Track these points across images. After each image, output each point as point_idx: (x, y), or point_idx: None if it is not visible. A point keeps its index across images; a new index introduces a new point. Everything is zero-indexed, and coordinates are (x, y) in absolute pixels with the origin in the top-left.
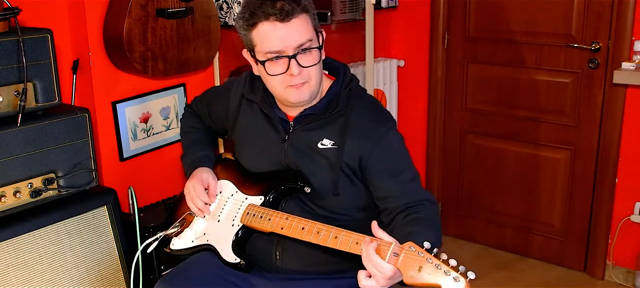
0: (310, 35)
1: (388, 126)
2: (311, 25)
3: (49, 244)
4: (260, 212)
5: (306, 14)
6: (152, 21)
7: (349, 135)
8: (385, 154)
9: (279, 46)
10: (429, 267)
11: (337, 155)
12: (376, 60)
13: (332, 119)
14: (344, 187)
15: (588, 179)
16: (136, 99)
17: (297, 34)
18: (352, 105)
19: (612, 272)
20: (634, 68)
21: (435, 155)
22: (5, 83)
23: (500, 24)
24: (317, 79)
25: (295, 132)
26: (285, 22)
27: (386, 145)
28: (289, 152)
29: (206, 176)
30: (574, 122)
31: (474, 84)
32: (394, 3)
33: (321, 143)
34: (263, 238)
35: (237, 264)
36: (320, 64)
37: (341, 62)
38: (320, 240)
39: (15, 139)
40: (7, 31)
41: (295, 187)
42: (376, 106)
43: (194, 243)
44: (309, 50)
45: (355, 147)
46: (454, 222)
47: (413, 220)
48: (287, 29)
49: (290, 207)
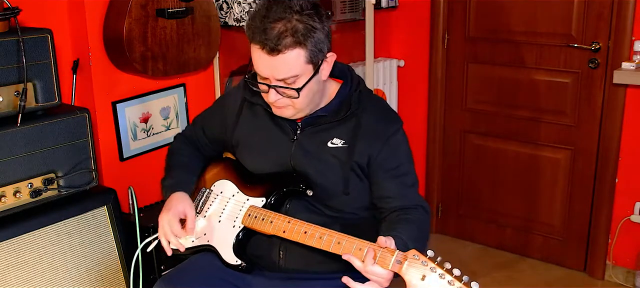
0: (298, 70)
1: (397, 126)
2: (303, 60)
3: (49, 244)
4: (262, 214)
5: (300, 48)
6: (152, 21)
7: (360, 135)
8: (392, 155)
9: (263, 73)
10: (433, 276)
11: (348, 155)
12: (376, 60)
13: (344, 121)
14: (354, 186)
15: (588, 179)
16: (136, 99)
17: (283, 69)
18: (364, 106)
19: (612, 272)
20: (634, 68)
21: (435, 155)
22: (5, 83)
23: (500, 24)
24: (303, 101)
25: (305, 132)
26: (271, 55)
27: (394, 146)
28: (295, 153)
29: (182, 207)
30: (574, 122)
31: (474, 84)
32: (394, 3)
33: (331, 142)
34: (266, 238)
35: (238, 266)
36: (309, 89)
37: (343, 63)
38: (323, 244)
39: (15, 139)
40: (7, 31)
41: (297, 189)
42: (386, 107)
43: (194, 243)
44: (295, 83)
45: (366, 146)
46: (454, 222)
47: (403, 219)
48: (273, 61)
49: (295, 207)
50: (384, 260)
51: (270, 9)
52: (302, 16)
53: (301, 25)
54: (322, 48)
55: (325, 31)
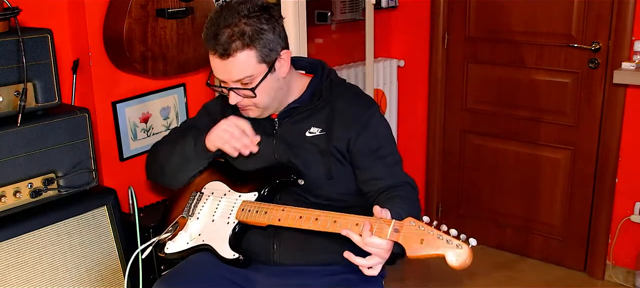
0: (251, 71)
1: (373, 110)
2: (255, 60)
3: (49, 244)
4: (256, 207)
5: (250, 49)
6: (152, 21)
7: (335, 122)
8: (371, 138)
9: (220, 77)
10: (431, 238)
11: (327, 141)
12: (376, 60)
13: (318, 109)
14: (336, 170)
15: (588, 179)
16: (136, 99)
17: (236, 71)
18: (336, 92)
19: (612, 272)
20: (634, 68)
21: (435, 155)
22: (5, 83)
23: (500, 24)
24: (263, 99)
25: (282, 126)
26: (223, 59)
27: (372, 129)
28: (278, 147)
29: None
30: (574, 122)
31: (474, 84)
32: (394, 3)
33: (309, 131)
34: (260, 232)
35: (236, 259)
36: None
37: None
38: (319, 226)
39: (15, 139)
40: (7, 31)
41: (288, 180)
42: (359, 92)
43: (189, 244)
44: (250, 83)
45: (343, 132)
46: (454, 222)
47: (393, 197)
48: (226, 65)
49: (285, 200)
50: (382, 230)
51: (220, 16)
52: (250, 19)
53: (248, 28)
54: (274, 47)
55: (277, 31)
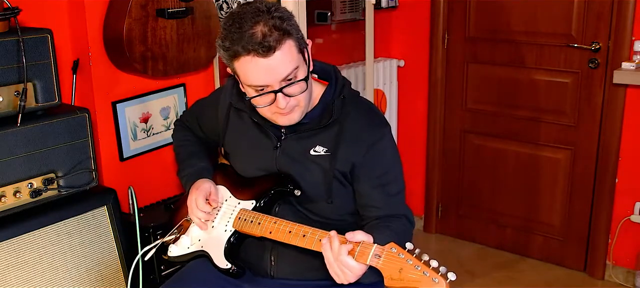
0: (296, 62)
1: (382, 132)
2: (296, 49)
3: (49, 244)
4: (252, 216)
5: (289, 38)
6: (152, 21)
7: (342, 143)
8: (376, 163)
9: (263, 81)
10: (410, 268)
11: (330, 163)
12: (376, 60)
13: (327, 128)
14: (337, 193)
15: (588, 179)
16: (136, 99)
17: (282, 67)
18: (346, 111)
19: (612, 272)
20: (634, 68)
21: (435, 155)
22: (5, 83)
23: (500, 24)
24: (306, 99)
25: (288, 139)
26: (268, 56)
27: (378, 153)
28: (280, 159)
29: (206, 186)
30: (574, 122)
31: (474, 84)
32: (394, 3)
33: (314, 150)
34: (257, 245)
35: (229, 270)
36: (310, 86)
37: (330, 64)
38: (306, 243)
39: (15, 139)
40: (7, 31)
41: (285, 190)
42: (371, 111)
43: (189, 249)
44: (297, 77)
45: (349, 153)
46: (454, 222)
47: (384, 226)
48: (270, 63)
49: (283, 211)
50: (363, 254)
51: (242, 21)
52: (272, 12)
53: (278, 20)
54: (302, 34)
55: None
